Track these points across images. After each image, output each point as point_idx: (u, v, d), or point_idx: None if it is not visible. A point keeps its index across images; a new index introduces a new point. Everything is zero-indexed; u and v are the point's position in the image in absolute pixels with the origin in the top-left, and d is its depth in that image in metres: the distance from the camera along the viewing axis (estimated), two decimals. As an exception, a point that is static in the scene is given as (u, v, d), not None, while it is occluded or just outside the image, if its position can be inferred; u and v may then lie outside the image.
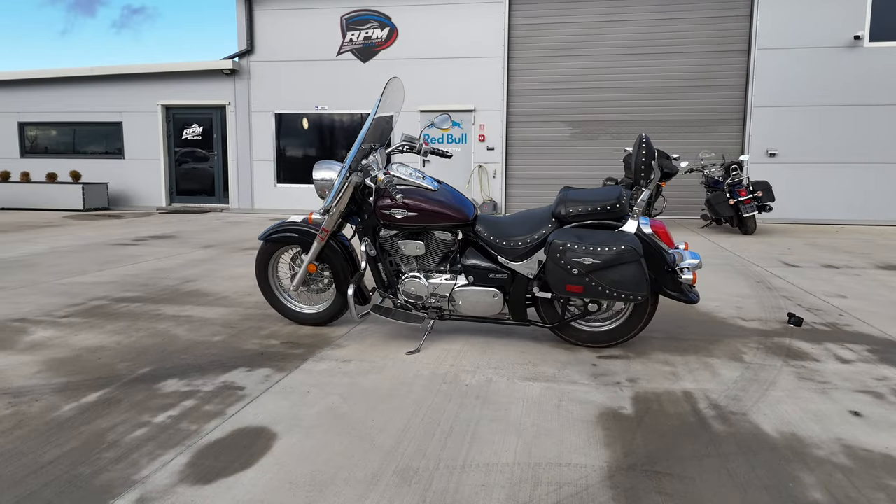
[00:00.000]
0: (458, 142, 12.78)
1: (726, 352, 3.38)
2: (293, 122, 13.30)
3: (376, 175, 3.36)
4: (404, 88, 3.83)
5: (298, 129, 13.26)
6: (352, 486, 1.93)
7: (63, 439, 2.23)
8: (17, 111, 14.36)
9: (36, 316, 4.00)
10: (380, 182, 3.34)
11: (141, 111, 13.77)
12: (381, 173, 3.35)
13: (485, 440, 2.28)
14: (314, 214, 3.59)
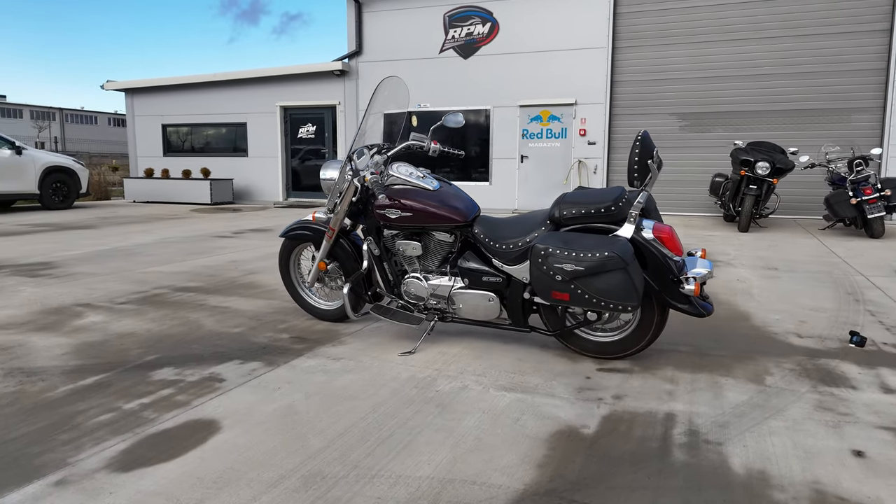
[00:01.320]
0: (558, 136, 12.46)
1: (749, 372, 3.02)
2: (398, 121, 13.59)
3: (363, 175, 3.35)
4: (406, 86, 3.79)
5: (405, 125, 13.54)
6: (252, 486, 1.95)
7: (38, 419, 2.45)
8: (160, 114, 15.93)
9: (99, 301, 4.42)
10: (367, 182, 3.33)
11: (262, 112, 14.75)
12: (368, 173, 3.35)
13: (416, 450, 2.21)
14: (317, 213, 3.65)
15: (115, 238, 7.99)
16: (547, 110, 12.52)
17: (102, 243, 7.48)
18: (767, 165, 8.92)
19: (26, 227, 9.22)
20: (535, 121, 12.63)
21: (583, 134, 12.26)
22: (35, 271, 5.60)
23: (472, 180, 13.20)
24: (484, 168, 13.11)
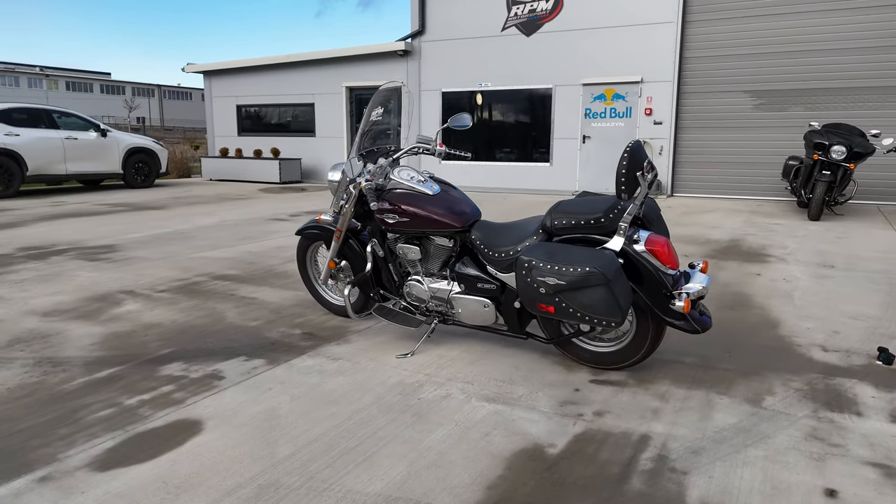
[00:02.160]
0: (622, 116, 12.05)
1: (750, 390, 2.90)
2: (458, 100, 13.56)
3: (358, 182, 3.39)
4: (408, 91, 3.77)
5: (464, 106, 13.50)
6: (209, 494, 2.07)
7: (47, 411, 2.67)
8: (235, 95, 16.54)
9: (142, 288, 4.72)
10: (362, 189, 3.37)
11: (329, 93, 15.04)
12: (363, 180, 3.38)
13: (376, 464, 2.27)
14: (323, 216, 3.74)
15: (179, 220, 8.44)
16: (611, 89, 12.11)
17: (166, 226, 7.93)
18: (843, 149, 8.31)
19: (106, 207, 9.88)
20: (598, 100, 12.25)
21: (648, 113, 11.80)
22: (97, 255, 6.02)
23: (531, 161, 13.02)
24: (545, 149, 12.88)
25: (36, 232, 7.37)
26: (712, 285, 4.90)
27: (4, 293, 4.58)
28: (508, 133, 13.22)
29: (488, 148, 13.44)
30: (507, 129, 13.24)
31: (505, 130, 13.26)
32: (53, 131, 11.79)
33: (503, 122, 13.28)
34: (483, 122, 13.42)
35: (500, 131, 13.30)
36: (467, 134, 13.45)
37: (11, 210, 9.47)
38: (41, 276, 5.14)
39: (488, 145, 13.43)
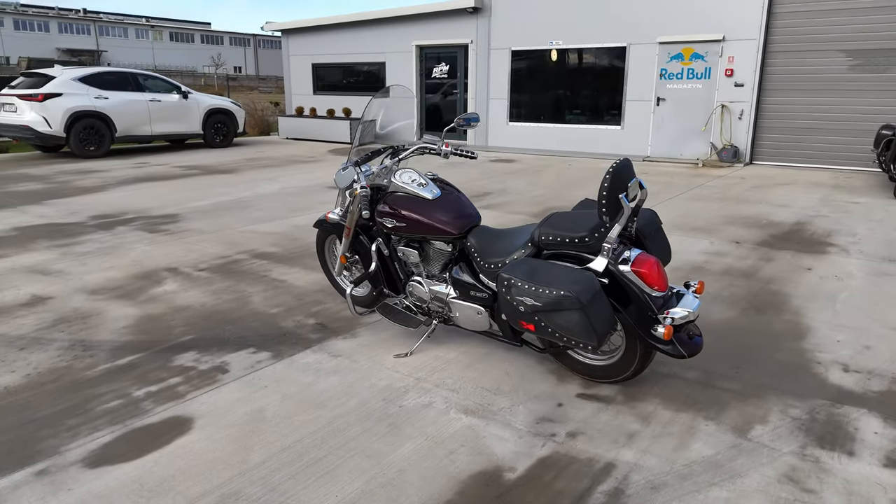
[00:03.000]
0: (700, 77, 11.35)
1: (742, 416, 2.79)
2: (528, 59, 13.17)
3: (354, 189, 3.41)
4: (409, 91, 3.74)
5: (532, 66, 13.11)
6: (176, 500, 2.25)
7: (65, 399, 2.95)
8: (311, 53, 16.78)
9: (185, 266, 5.02)
10: (356, 195, 3.40)
11: (399, 51, 14.98)
12: (358, 186, 3.40)
13: (336, 478, 2.38)
14: (330, 214, 3.80)
15: (244, 186, 8.81)
16: (689, 48, 11.39)
17: (230, 193, 8.30)
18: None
19: (182, 170, 10.43)
20: (675, 59, 11.57)
21: (729, 74, 11.05)
22: (158, 226, 6.42)
23: (602, 124, 12.55)
24: (616, 111, 12.38)
25: (112, 198, 7.91)
26: (748, 281, 4.66)
27: (65, 267, 4.99)
28: (578, 94, 12.77)
29: (557, 110, 13.06)
30: (576, 90, 12.78)
31: (575, 91, 12.81)
32: (139, 94, 12.45)
33: (573, 82, 12.82)
34: (552, 82, 13.01)
35: (570, 92, 12.86)
36: (535, 96, 13.12)
37: (99, 172, 10.18)
38: (102, 248, 5.55)
39: (557, 107, 13.04)
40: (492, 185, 9.16)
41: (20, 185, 8.82)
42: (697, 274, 4.86)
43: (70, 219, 6.73)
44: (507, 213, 7.08)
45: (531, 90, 13.29)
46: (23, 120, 11.35)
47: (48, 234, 6.03)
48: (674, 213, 7.16)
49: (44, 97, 11.27)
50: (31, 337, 3.63)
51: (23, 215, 6.90)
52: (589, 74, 12.58)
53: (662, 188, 8.85)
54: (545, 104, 13.17)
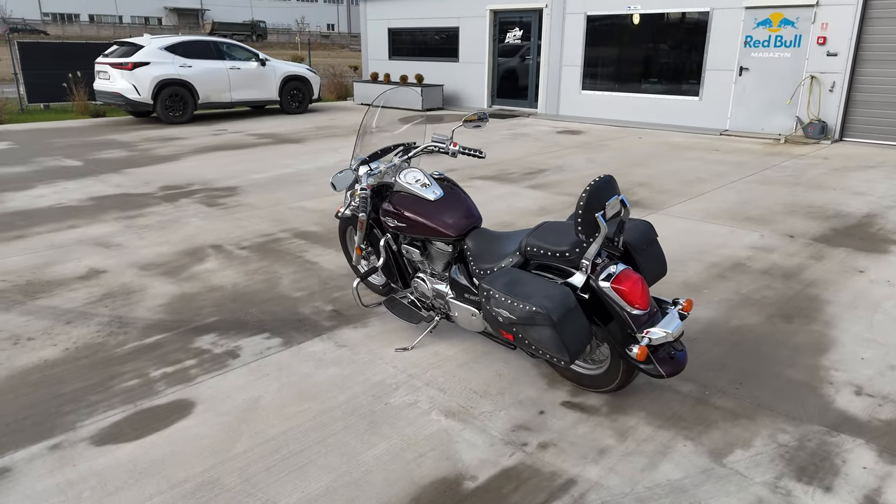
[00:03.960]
0: (789, 45, 10.56)
1: (724, 439, 2.73)
2: (603, 25, 12.66)
3: (356, 190, 3.48)
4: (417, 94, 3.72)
5: (607, 32, 12.60)
6: (159, 484, 2.49)
7: (93, 375, 3.27)
8: (387, 18, 16.83)
9: (229, 243, 5.32)
10: (356, 197, 3.46)
11: (474, 16, 14.76)
12: (359, 187, 3.46)
13: (306, 474, 2.54)
14: (342, 209, 3.90)
15: (307, 157, 9.10)
16: (779, 13, 10.58)
17: (292, 165, 8.61)
18: None
19: (254, 139, 10.88)
20: (762, 25, 10.80)
21: (821, 43, 10.21)
22: (216, 199, 6.79)
23: (679, 94, 11.96)
24: (695, 80, 11.75)
25: (184, 168, 8.40)
26: (787, 283, 4.43)
27: (125, 240, 5.41)
28: (655, 62, 12.19)
29: (632, 78, 12.55)
30: (653, 58, 12.20)
31: (651, 59, 12.23)
32: (220, 62, 12.98)
33: (649, 50, 12.24)
34: (628, 49, 12.47)
35: (646, 60, 12.29)
36: (609, 64, 12.64)
37: (179, 139, 10.78)
38: (162, 221, 5.96)
39: (632, 75, 12.52)
40: (549, 160, 9.01)
41: (106, 152, 9.50)
42: (734, 272, 4.67)
43: (141, 189, 7.23)
44: (555, 195, 6.98)
45: (605, 57, 12.80)
46: (115, 87, 12.12)
47: (119, 205, 6.52)
48: (732, 198, 6.82)
49: (133, 66, 11.97)
50: (79, 311, 4.01)
51: (101, 184, 7.47)
52: (667, 41, 11.96)
53: (730, 169, 8.41)
54: (619, 72, 12.67)
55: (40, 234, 5.56)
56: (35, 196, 6.89)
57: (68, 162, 8.77)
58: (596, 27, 12.79)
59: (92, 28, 69.84)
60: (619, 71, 12.68)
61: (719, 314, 3.96)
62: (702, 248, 5.22)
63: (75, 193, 7.01)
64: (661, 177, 7.92)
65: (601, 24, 12.72)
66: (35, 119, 13.12)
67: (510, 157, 9.20)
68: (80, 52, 14.35)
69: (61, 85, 14.13)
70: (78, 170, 8.26)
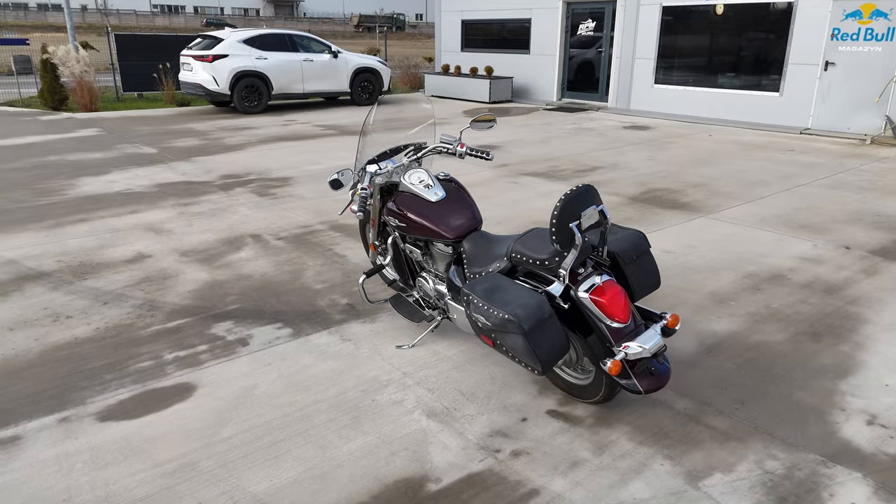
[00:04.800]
0: (881, 39, 9.79)
1: (707, 461, 2.62)
2: (679, 16, 12.16)
3: (356, 190, 3.52)
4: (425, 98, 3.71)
5: (683, 24, 12.08)
6: (144, 461, 2.65)
7: (115, 354, 3.51)
8: (461, 9, 16.83)
9: (268, 233, 5.54)
10: (356, 196, 3.50)
11: (546, 7, 14.53)
12: (360, 187, 3.50)
13: (279, 464, 2.64)
14: (353, 206, 3.96)
15: (362, 150, 9.28)
16: (871, 3, 9.83)
17: (348, 157, 8.82)
18: None
19: (319, 130, 11.20)
20: (851, 17, 10.06)
21: (917, 35, 9.40)
22: (268, 189, 7.06)
23: (757, 89, 11.34)
24: (776, 75, 11.10)
25: (247, 157, 8.77)
26: (828, 298, 4.16)
27: (175, 226, 5.74)
28: (732, 56, 11.60)
29: (707, 72, 12.00)
30: (730, 52, 11.62)
31: (728, 53, 11.65)
32: (294, 54, 13.41)
33: (727, 42, 11.65)
34: (703, 42, 11.92)
35: (722, 54, 11.72)
36: (684, 57, 12.14)
37: (250, 129, 11.25)
38: (213, 209, 6.27)
39: (707, 69, 11.98)
40: (606, 157, 8.79)
41: (180, 141, 10.05)
42: (771, 284, 4.43)
43: (203, 177, 7.62)
44: (602, 195, 6.81)
45: (680, 50, 12.30)
46: (196, 78, 12.78)
47: (179, 192, 6.91)
48: (793, 203, 6.43)
49: (213, 58, 12.56)
50: (117, 293, 4.30)
51: (169, 171, 7.92)
52: (746, 34, 11.35)
53: (800, 171, 7.92)
54: (694, 66, 12.14)
55: (103, 218, 5.98)
56: (108, 181, 7.40)
57: (145, 149, 9.34)
58: (671, 18, 12.30)
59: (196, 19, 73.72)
60: (693, 64, 12.16)
61: (741, 328, 3.77)
62: (742, 256, 4.97)
63: (144, 180, 7.47)
64: (721, 178, 7.57)
65: (677, 16, 12.22)
66: (127, 107, 14.03)
67: (566, 154, 9.04)
68: (170, 44, 15.19)
69: (152, 75, 15.02)
70: (151, 157, 8.79)
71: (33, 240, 5.33)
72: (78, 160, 8.53)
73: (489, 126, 3.55)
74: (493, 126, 3.59)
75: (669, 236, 5.44)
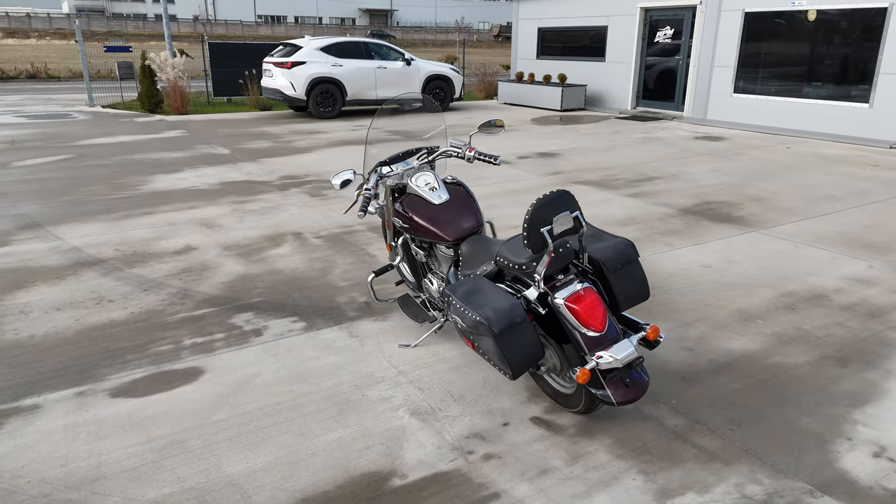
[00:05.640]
0: (985, 46, 8.94)
1: (683, 481, 2.52)
2: (762, 22, 11.61)
3: (361, 190, 3.59)
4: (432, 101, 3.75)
5: (766, 30, 11.52)
6: (139, 435, 2.84)
7: (139, 338, 3.77)
8: (538, 17, 16.77)
9: (308, 231, 5.75)
10: (360, 196, 3.58)
11: (623, 14, 14.25)
12: (364, 188, 3.57)
13: (259, 449, 2.76)
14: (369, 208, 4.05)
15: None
16: (976, 7, 9.02)
17: (403, 161, 8.97)
18: None
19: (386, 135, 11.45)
20: (952, 22, 9.26)
21: None
22: (321, 190, 7.32)
23: (844, 100, 10.64)
24: (865, 85, 10.38)
25: (310, 160, 9.12)
26: (868, 322, 3.88)
27: (227, 222, 6.06)
28: (817, 64, 10.95)
29: (790, 81, 11.39)
30: (816, 59, 10.97)
31: (813, 61, 11.00)
32: (368, 61, 13.80)
33: (812, 50, 11.02)
34: (787, 49, 11.33)
35: (808, 61, 11.08)
36: (766, 65, 11.57)
37: (320, 133, 11.68)
38: (266, 207, 6.57)
39: (790, 77, 11.37)
40: (668, 167, 8.52)
41: (253, 143, 10.57)
42: (809, 304, 4.17)
43: (265, 177, 7.99)
44: (650, 204, 6.62)
45: (762, 58, 11.73)
46: (275, 84, 13.39)
47: (238, 191, 7.28)
48: (859, 221, 6.01)
49: (291, 65, 13.13)
50: (158, 281, 4.60)
51: (235, 171, 8.36)
52: (833, 41, 10.68)
53: (877, 187, 7.38)
54: (777, 75, 11.54)
55: (165, 212, 6.40)
56: (178, 179, 7.90)
57: (219, 150, 9.90)
58: (753, 25, 11.76)
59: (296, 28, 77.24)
60: (776, 73, 11.56)
61: (760, 348, 3.58)
62: (786, 274, 4.70)
63: (211, 178, 7.93)
64: (787, 192, 7.17)
65: (760, 22, 11.67)
66: (215, 111, 14.89)
67: (626, 163, 8.83)
68: (258, 51, 15.99)
69: (239, 81, 15.87)
70: (223, 157, 9.30)
71: (99, 229, 5.78)
72: (158, 159, 9.15)
73: (497, 131, 3.56)
74: (500, 131, 3.60)
75: (711, 250, 5.22)
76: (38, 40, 56.84)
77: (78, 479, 2.54)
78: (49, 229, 5.78)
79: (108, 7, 79.65)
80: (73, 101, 16.84)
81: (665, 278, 4.63)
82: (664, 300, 4.23)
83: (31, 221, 6.02)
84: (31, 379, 3.28)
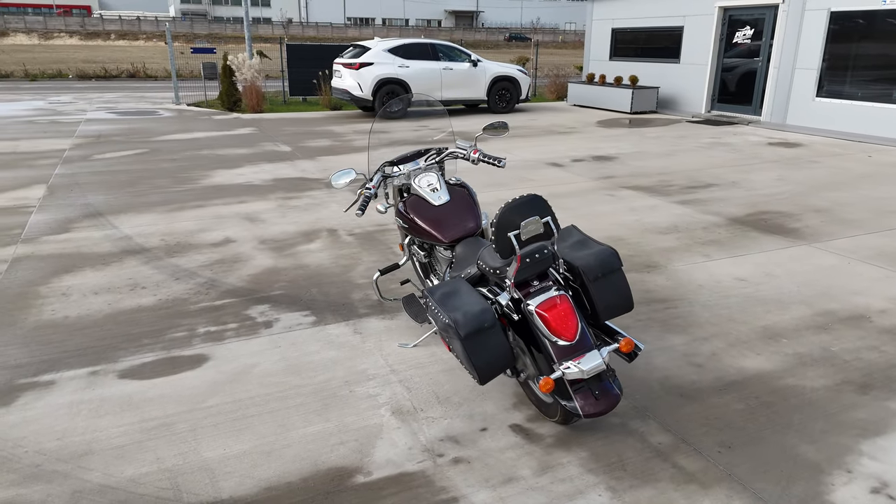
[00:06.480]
0: None
1: (650, 500, 2.41)
2: (849, 22, 10.86)
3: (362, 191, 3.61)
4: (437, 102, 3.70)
5: (854, 30, 10.78)
6: (135, 415, 3.00)
7: (159, 324, 3.97)
8: (612, 18, 16.38)
9: (343, 228, 5.87)
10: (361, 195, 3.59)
11: (700, 14, 13.70)
12: (365, 188, 3.58)
13: (239, 437, 2.85)
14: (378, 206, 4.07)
15: (474, 156, 9.41)
16: None
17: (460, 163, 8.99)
18: None
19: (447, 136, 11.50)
20: None
21: None
22: (367, 188, 7.44)
23: None
24: (963, 89, 9.52)
25: (363, 159, 9.29)
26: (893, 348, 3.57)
27: (270, 217, 6.27)
28: (909, 67, 10.13)
29: (879, 84, 10.60)
30: (907, 62, 10.15)
31: (905, 63, 10.19)
32: (435, 63, 13.92)
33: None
34: (878, 51, 10.55)
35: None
36: (854, 67, 10.83)
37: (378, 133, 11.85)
38: (309, 204, 6.75)
39: (880, 81, 10.58)
40: (729, 174, 8.12)
41: (315, 141, 10.89)
42: (845, 325, 3.88)
43: (317, 175, 8.21)
44: (699, 213, 6.34)
45: (849, 60, 10.97)
46: (344, 84, 13.73)
47: (289, 187, 7.52)
48: (928, 237, 5.53)
49: (359, 66, 13.43)
50: (191, 271, 4.83)
51: (290, 168, 8.64)
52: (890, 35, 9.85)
53: (960, 200, 6.76)
54: (864, 78, 10.77)
55: (215, 205, 6.70)
56: (235, 174, 8.25)
57: (282, 147, 10.25)
58: (839, 25, 11.02)
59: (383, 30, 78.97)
60: (863, 76, 10.79)
61: (776, 368, 3.37)
62: (828, 291, 4.39)
63: (266, 175, 8.23)
64: (854, 204, 6.68)
65: (847, 21, 10.92)
66: (289, 110, 15.43)
67: (684, 169, 8.49)
68: (332, 53, 16.45)
69: (312, 81, 16.37)
70: (283, 154, 9.63)
71: (151, 220, 6.13)
72: (223, 154, 9.59)
73: (501, 133, 3.52)
74: (505, 133, 3.56)
75: (750, 263, 4.94)
76: (145, 42, 60.84)
77: (69, 453, 2.71)
78: (109, 218, 6.17)
79: (209, 11, 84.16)
80: (162, 98, 17.89)
81: (694, 290, 4.42)
82: (685, 313, 4.05)
83: (94, 210, 6.44)
84: (55, 357, 3.52)
